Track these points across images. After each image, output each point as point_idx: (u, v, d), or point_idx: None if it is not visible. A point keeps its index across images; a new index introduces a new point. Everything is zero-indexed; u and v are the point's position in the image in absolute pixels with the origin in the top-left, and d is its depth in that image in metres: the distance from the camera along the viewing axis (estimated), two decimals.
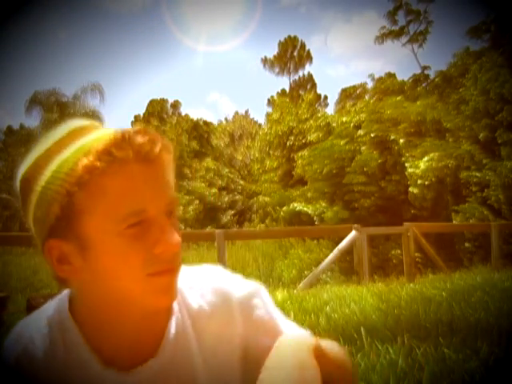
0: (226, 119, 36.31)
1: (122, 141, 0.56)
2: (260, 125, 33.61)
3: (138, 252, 0.57)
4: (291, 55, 36.22)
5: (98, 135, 0.59)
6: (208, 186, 25.13)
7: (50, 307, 0.68)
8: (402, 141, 14.97)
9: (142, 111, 33.23)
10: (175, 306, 0.68)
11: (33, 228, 0.61)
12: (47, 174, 0.57)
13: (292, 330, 0.72)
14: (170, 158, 0.61)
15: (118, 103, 68.45)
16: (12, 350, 0.64)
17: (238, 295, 0.70)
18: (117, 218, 0.56)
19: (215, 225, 22.15)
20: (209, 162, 26.81)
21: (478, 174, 13.01)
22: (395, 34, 23.26)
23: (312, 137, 19.02)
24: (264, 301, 0.72)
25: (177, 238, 0.59)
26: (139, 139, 0.57)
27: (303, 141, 19.66)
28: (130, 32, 67.07)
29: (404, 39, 23.46)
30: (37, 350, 0.63)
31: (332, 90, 78.99)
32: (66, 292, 0.68)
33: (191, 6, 70.24)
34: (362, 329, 3.33)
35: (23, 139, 22.05)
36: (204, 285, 0.70)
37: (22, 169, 0.60)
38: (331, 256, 7.36)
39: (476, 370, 2.55)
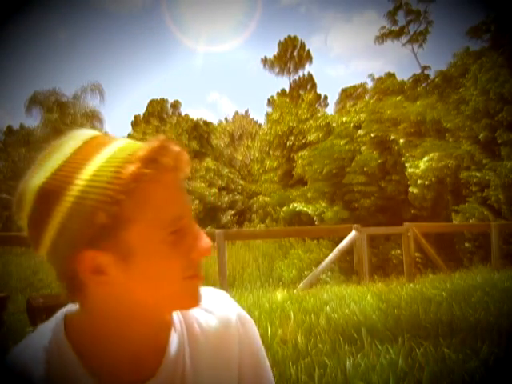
0: (226, 119, 36.34)
1: (164, 149, 0.57)
2: (260, 125, 33.62)
3: (178, 257, 0.59)
4: (291, 55, 36.23)
5: (125, 144, 0.59)
6: (208, 186, 25.10)
7: (45, 329, 0.65)
8: (402, 141, 14.98)
9: (142, 111, 33.37)
10: (177, 323, 0.68)
11: (52, 240, 0.56)
12: (79, 183, 0.54)
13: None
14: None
15: (117, 103, 68.71)
16: (8, 375, 0.61)
17: (239, 325, 0.73)
18: (161, 225, 0.57)
19: (215, 225, 22.13)
20: (209, 162, 26.79)
21: (478, 174, 13.01)
22: (395, 34, 23.29)
23: (312, 137, 19.02)
24: (256, 333, 0.76)
25: (209, 242, 0.61)
26: (175, 148, 0.58)
27: (303, 141, 19.66)
28: (130, 32, 67.08)
29: (404, 39, 23.54)
30: (33, 375, 0.61)
31: (332, 90, 78.99)
32: (61, 312, 0.66)
33: (191, 6, 70.27)
34: (362, 329, 3.34)
35: (23, 139, 22.04)
36: (209, 309, 0.72)
37: (38, 180, 0.56)
38: (331, 256, 7.36)
39: (476, 370, 2.56)
